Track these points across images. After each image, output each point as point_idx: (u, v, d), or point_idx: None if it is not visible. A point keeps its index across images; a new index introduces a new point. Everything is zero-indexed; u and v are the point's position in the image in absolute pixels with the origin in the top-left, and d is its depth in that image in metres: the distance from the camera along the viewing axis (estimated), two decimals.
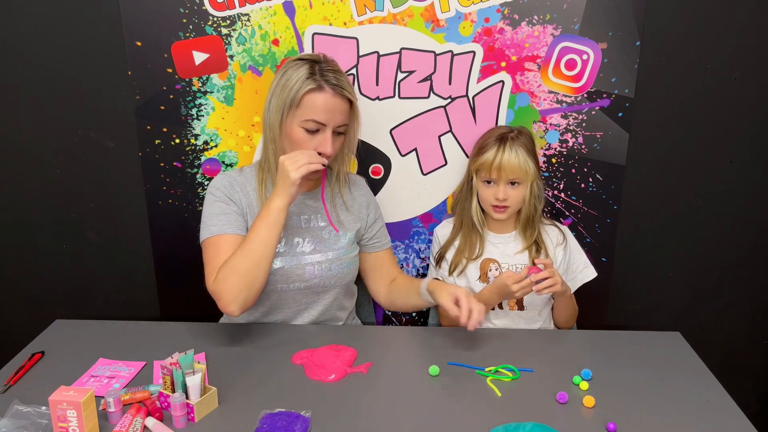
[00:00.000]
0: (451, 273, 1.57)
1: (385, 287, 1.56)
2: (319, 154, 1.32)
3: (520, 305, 1.55)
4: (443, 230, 1.64)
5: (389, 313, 1.85)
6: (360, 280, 1.65)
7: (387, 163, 1.71)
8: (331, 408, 1.13)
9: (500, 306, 1.55)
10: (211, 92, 1.64)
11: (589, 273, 1.57)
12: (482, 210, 1.56)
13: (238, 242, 1.32)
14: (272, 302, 1.45)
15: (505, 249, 1.56)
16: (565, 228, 1.61)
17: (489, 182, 1.51)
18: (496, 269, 1.54)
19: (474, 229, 1.57)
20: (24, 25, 1.62)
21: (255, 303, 1.36)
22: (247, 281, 1.27)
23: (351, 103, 1.37)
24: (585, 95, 1.62)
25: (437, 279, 1.47)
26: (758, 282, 1.81)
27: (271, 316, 1.47)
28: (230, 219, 1.37)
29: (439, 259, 1.61)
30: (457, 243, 1.58)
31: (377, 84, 1.63)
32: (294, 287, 1.43)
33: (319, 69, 1.32)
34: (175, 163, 1.71)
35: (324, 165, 1.31)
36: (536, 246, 1.54)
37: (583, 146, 1.66)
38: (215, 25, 1.59)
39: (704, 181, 1.72)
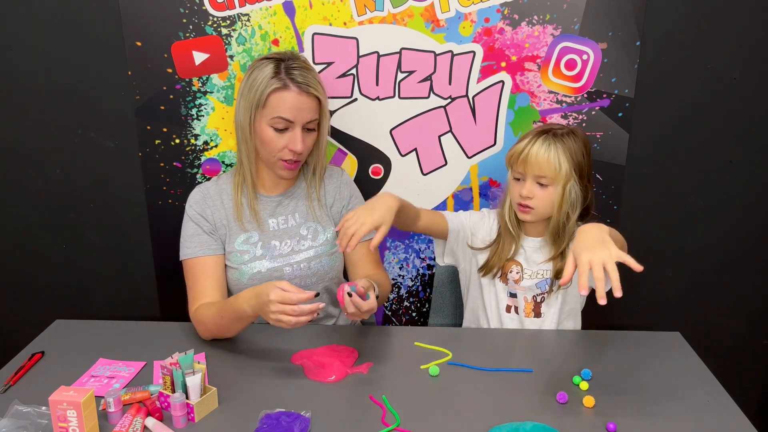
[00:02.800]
0: (481, 270, 1.48)
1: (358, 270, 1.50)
2: (290, 151, 1.35)
3: (537, 312, 1.47)
4: (492, 217, 1.51)
5: (389, 313, 1.85)
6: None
7: (387, 163, 1.70)
8: (331, 408, 1.13)
9: (516, 310, 1.48)
10: (211, 92, 1.64)
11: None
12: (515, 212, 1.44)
13: (211, 263, 1.39)
14: None
15: (532, 254, 1.45)
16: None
17: (519, 179, 1.39)
18: (517, 272, 1.45)
19: (508, 232, 1.45)
20: (24, 25, 1.62)
21: None
22: (213, 334, 1.35)
23: (319, 100, 1.36)
24: (585, 95, 1.62)
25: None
26: (758, 282, 1.81)
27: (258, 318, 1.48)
28: (202, 241, 1.41)
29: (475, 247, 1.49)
30: (494, 243, 1.47)
31: (377, 84, 1.63)
32: None
33: (285, 67, 1.32)
34: (175, 163, 1.71)
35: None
36: (562, 256, 1.41)
37: None
38: (215, 25, 1.59)
39: (704, 181, 1.72)
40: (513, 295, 1.48)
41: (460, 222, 1.51)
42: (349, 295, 1.19)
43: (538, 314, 1.47)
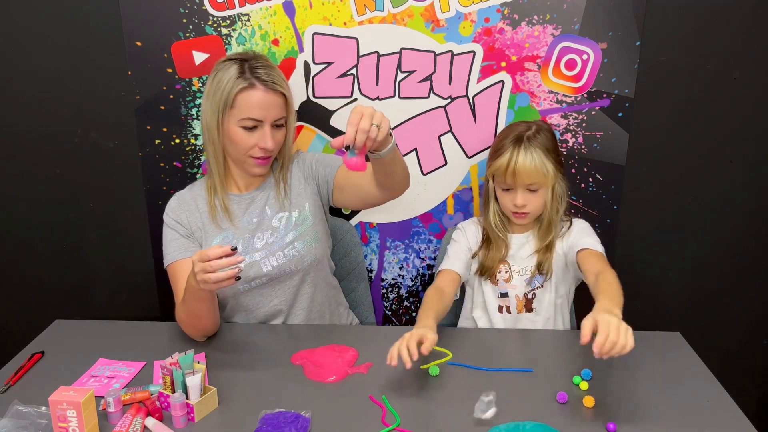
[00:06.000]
0: (477, 273, 1.51)
1: (368, 176, 1.38)
2: (261, 149, 1.36)
3: (529, 307, 1.49)
4: (471, 227, 1.54)
5: (389, 313, 1.85)
6: (356, 279, 1.66)
7: None
8: (331, 408, 1.13)
9: (508, 310, 1.50)
10: None
11: (586, 244, 1.39)
12: (503, 214, 1.50)
13: (189, 265, 1.35)
14: (239, 302, 1.46)
15: (518, 251, 1.50)
16: (578, 221, 1.50)
17: (507, 189, 1.44)
18: (506, 272, 1.49)
19: (496, 236, 1.49)
20: (24, 25, 1.62)
21: (223, 305, 1.46)
22: (194, 327, 1.36)
23: (285, 97, 1.37)
24: (585, 95, 1.62)
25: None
26: (758, 282, 1.81)
27: (247, 314, 1.48)
28: (179, 245, 1.42)
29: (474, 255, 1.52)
30: (483, 247, 1.51)
31: (377, 84, 1.63)
32: (255, 284, 1.43)
33: (249, 67, 1.34)
34: (175, 163, 1.71)
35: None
36: (547, 249, 1.46)
37: (583, 146, 1.66)
38: (215, 25, 1.59)
39: (704, 181, 1.72)
40: (504, 295, 1.50)
41: (462, 260, 1.50)
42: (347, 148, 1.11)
43: (530, 309, 1.50)
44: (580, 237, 1.44)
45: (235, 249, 1.14)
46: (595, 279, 1.27)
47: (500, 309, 1.51)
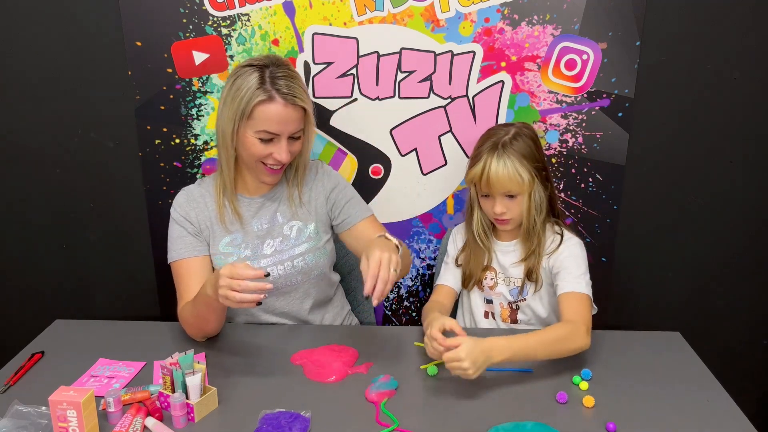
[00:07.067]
0: (462, 283, 1.51)
1: None
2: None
3: (514, 318, 1.48)
4: (461, 232, 1.55)
5: (389, 313, 1.85)
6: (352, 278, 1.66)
7: (387, 163, 1.70)
8: (331, 408, 1.13)
9: (492, 316, 1.50)
10: (211, 92, 1.64)
11: (570, 286, 1.35)
12: (489, 221, 1.46)
13: (197, 264, 1.39)
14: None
15: (504, 259, 1.47)
16: (569, 238, 1.43)
17: (486, 195, 1.41)
18: (492, 279, 1.47)
19: (477, 244, 1.47)
20: (24, 25, 1.62)
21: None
22: (197, 328, 1.35)
23: (305, 110, 1.34)
24: (585, 95, 1.62)
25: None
26: (758, 282, 1.81)
27: (245, 317, 1.48)
28: (186, 242, 1.41)
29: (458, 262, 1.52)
30: (464, 255, 1.50)
31: (377, 84, 1.63)
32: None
33: (270, 76, 1.29)
34: (175, 163, 1.71)
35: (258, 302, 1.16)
36: (535, 257, 1.42)
37: (583, 146, 1.66)
38: (215, 25, 1.59)
39: (704, 181, 1.72)
40: (489, 302, 1.49)
41: (454, 274, 1.52)
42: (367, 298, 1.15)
43: (514, 321, 1.48)
44: (566, 274, 1.37)
45: (268, 275, 1.13)
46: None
47: (486, 315, 1.50)
